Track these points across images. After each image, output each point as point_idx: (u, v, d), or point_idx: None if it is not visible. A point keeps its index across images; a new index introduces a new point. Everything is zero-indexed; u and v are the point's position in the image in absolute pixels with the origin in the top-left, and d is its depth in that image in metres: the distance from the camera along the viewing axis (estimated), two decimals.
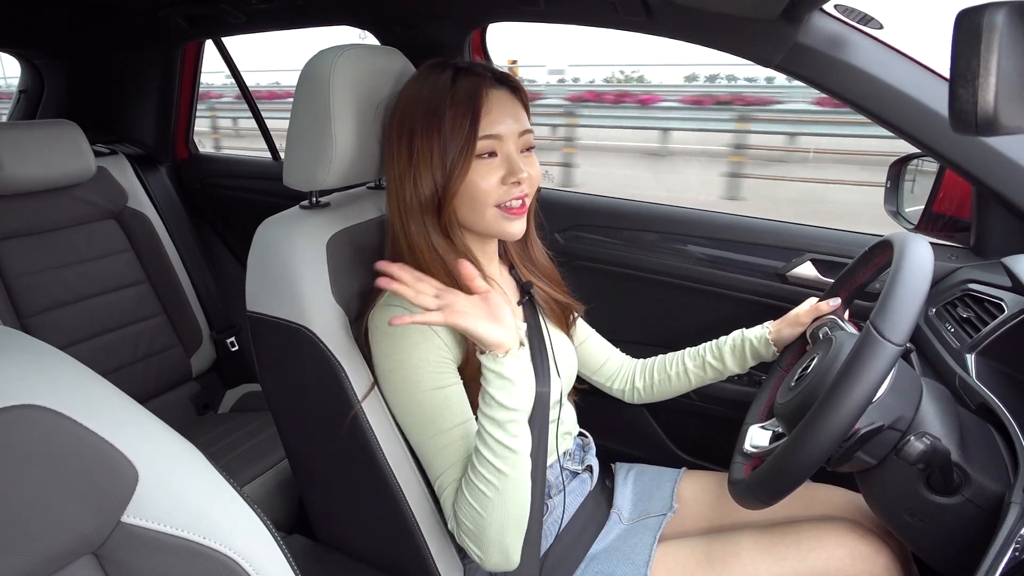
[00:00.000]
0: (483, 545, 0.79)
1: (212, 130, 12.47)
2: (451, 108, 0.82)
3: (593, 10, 1.22)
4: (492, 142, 0.83)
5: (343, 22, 1.59)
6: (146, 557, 0.45)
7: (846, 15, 1.01)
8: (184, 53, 2.03)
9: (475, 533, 0.79)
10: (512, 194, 0.85)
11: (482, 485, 0.77)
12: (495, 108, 0.84)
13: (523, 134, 0.86)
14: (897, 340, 0.67)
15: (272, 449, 1.47)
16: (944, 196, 1.14)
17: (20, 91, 2.18)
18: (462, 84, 0.83)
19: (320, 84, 0.87)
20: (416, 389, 0.82)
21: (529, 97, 0.91)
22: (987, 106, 0.50)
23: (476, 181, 0.83)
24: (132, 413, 0.48)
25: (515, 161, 0.84)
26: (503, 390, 0.76)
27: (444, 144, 0.82)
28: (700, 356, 1.10)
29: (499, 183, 0.84)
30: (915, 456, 0.69)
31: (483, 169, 0.83)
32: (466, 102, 0.82)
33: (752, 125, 9.08)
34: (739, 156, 8.37)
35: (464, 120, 0.81)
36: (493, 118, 0.83)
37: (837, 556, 0.86)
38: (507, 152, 0.84)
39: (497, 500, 0.77)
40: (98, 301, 1.61)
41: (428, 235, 0.85)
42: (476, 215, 0.86)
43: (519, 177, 0.84)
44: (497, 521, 0.77)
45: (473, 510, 0.78)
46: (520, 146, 0.86)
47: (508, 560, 0.81)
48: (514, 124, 0.85)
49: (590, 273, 1.47)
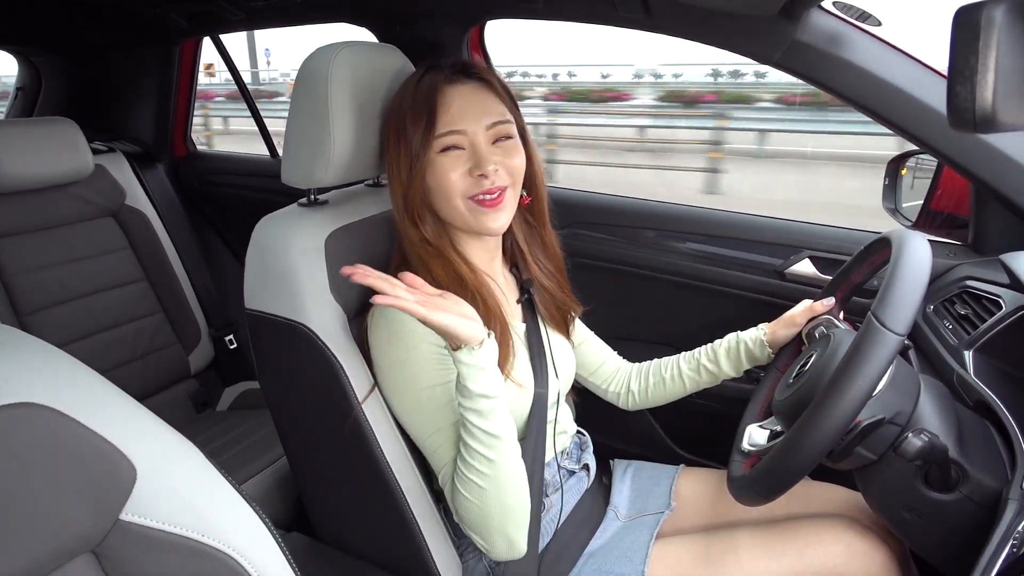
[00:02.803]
0: (487, 535, 0.80)
1: (203, 127, 12.45)
2: (412, 107, 0.84)
3: (592, 7, 1.22)
4: (455, 137, 0.84)
5: (342, 20, 1.59)
6: (144, 555, 0.45)
7: (845, 12, 1.01)
8: (182, 50, 2.02)
9: (477, 524, 0.80)
10: (481, 186, 0.84)
11: (474, 477, 0.77)
12: (455, 103, 0.84)
13: (494, 125, 0.86)
14: (899, 330, 0.67)
15: (271, 447, 1.47)
16: (942, 193, 1.15)
17: (17, 88, 2.17)
18: (423, 82, 0.85)
19: (318, 81, 0.86)
20: (415, 387, 0.83)
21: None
22: (985, 103, 0.50)
23: (439, 174, 0.84)
24: (130, 411, 0.48)
25: (481, 153, 0.84)
26: (481, 380, 0.76)
27: (408, 142, 0.83)
28: (695, 360, 1.10)
29: (465, 175, 0.84)
30: (913, 453, 0.70)
31: (448, 163, 0.84)
32: (424, 100, 0.83)
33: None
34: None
35: (421, 118, 0.83)
36: (453, 114, 0.84)
37: (835, 553, 0.87)
38: (473, 144, 0.84)
39: (491, 488, 0.78)
40: (96, 299, 1.61)
41: (426, 235, 0.87)
42: (450, 209, 0.86)
43: (484, 170, 0.83)
44: (496, 510, 0.78)
45: (470, 503, 0.78)
46: (490, 138, 0.86)
47: (513, 548, 0.81)
48: (480, 116, 0.85)
49: (589, 271, 1.47)
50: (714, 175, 8.07)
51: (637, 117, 11.10)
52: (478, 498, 0.78)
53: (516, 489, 0.80)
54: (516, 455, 0.80)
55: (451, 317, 0.72)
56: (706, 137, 8.91)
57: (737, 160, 8.62)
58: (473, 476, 0.78)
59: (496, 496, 0.78)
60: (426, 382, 0.82)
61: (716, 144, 8.68)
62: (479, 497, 0.78)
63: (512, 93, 0.91)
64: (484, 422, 0.76)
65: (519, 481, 0.80)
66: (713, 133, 8.88)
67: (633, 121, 10.75)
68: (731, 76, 15.95)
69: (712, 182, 7.99)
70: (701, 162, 8.40)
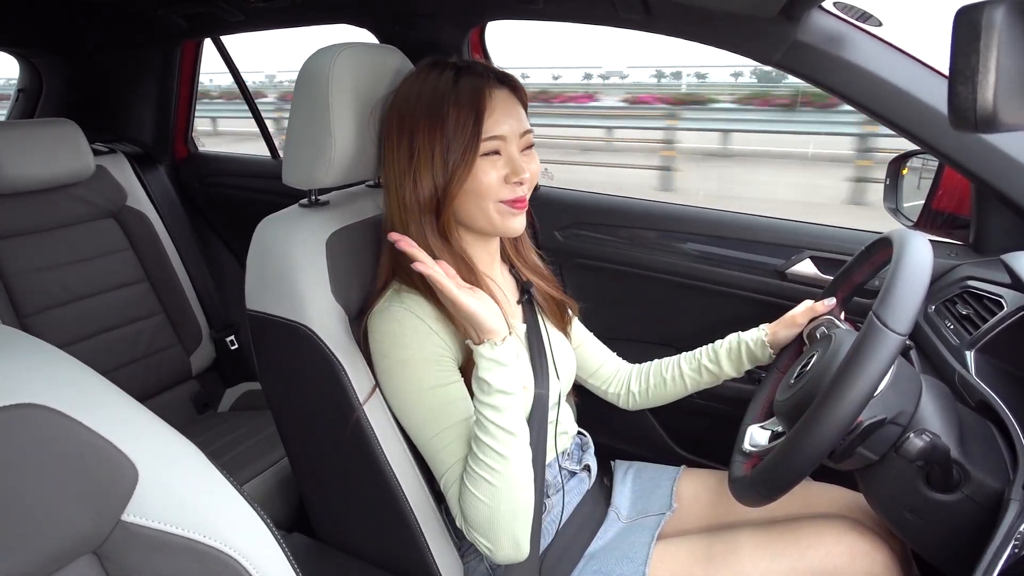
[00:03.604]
0: (494, 537, 0.79)
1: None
2: (454, 108, 0.82)
3: (592, 8, 1.22)
4: (496, 142, 0.84)
5: (342, 21, 1.59)
6: (146, 556, 0.45)
7: (845, 12, 1.01)
8: (183, 51, 2.03)
9: (484, 525, 0.79)
10: (515, 193, 0.86)
11: (486, 474, 0.77)
12: (498, 108, 0.84)
13: (524, 134, 0.87)
14: (900, 330, 0.67)
15: (272, 447, 1.48)
16: (943, 193, 1.14)
17: (19, 90, 2.18)
18: (465, 84, 0.83)
19: (319, 82, 0.86)
20: (417, 388, 0.82)
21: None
22: (986, 103, 0.50)
23: (480, 178, 0.84)
24: (132, 412, 0.48)
25: (518, 161, 0.85)
26: (500, 375, 0.77)
27: (447, 145, 0.82)
28: (696, 360, 1.10)
29: (502, 181, 0.85)
30: (915, 453, 0.70)
31: (487, 166, 0.84)
32: (470, 103, 0.82)
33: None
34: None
35: (468, 121, 0.82)
36: (496, 119, 0.84)
37: (836, 553, 0.86)
38: (510, 152, 0.85)
39: (503, 487, 0.77)
40: (97, 300, 1.61)
41: (426, 236, 0.86)
42: (480, 212, 0.86)
43: (521, 177, 0.85)
44: (506, 509, 0.78)
45: (479, 502, 0.78)
46: (521, 145, 0.87)
47: (519, 551, 0.81)
48: (516, 124, 0.86)
49: (589, 271, 1.47)
50: (666, 173, 8.54)
51: (591, 117, 11.37)
52: (489, 497, 0.78)
53: (526, 488, 0.80)
54: (527, 454, 0.81)
55: (480, 304, 0.76)
56: (658, 137, 9.37)
57: (687, 159, 9.13)
58: (485, 473, 0.77)
59: (507, 495, 0.78)
60: (428, 383, 0.82)
61: (669, 143, 9.12)
62: (490, 496, 0.78)
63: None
64: (500, 418, 0.77)
65: (529, 481, 0.81)
66: (666, 133, 9.31)
67: (588, 121, 11.06)
68: (673, 77, 16.84)
69: (665, 180, 8.48)
70: (655, 161, 8.84)
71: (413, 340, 0.82)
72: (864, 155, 7.69)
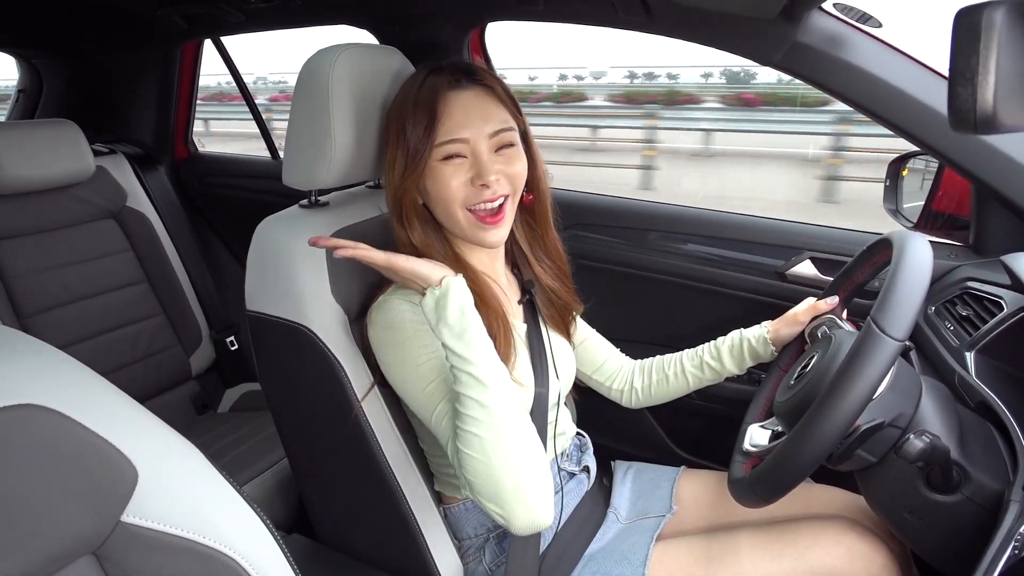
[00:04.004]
0: (502, 500, 0.72)
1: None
2: (412, 112, 0.83)
3: (592, 9, 1.22)
4: (456, 145, 0.83)
5: (342, 21, 1.59)
6: (146, 557, 0.45)
7: (845, 14, 1.01)
8: (183, 52, 2.03)
9: (486, 485, 0.73)
10: (482, 196, 0.84)
11: (471, 427, 0.73)
12: (458, 111, 0.83)
13: (496, 133, 0.84)
14: (898, 335, 0.67)
15: (272, 448, 1.47)
16: (943, 194, 1.14)
17: (19, 91, 2.18)
18: (425, 87, 0.83)
19: (319, 83, 0.87)
20: (414, 364, 0.82)
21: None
22: (986, 105, 0.50)
23: (443, 182, 0.83)
24: (132, 412, 0.48)
25: (483, 163, 0.83)
26: (452, 315, 0.74)
27: (406, 145, 0.83)
28: (698, 357, 1.10)
29: (467, 183, 0.83)
30: (915, 454, 0.70)
31: (449, 171, 0.83)
32: (424, 107, 0.82)
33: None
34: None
35: (420, 125, 0.82)
36: (456, 121, 0.82)
37: (835, 554, 0.86)
38: (475, 153, 0.83)
39: (491, 437, 0.72)
40: (97, 301, 1.61)
41: (428, 236, 0.87)
42: (448, 217, 0.86)
43: (486, 179, 0.82)
44: (502, 462, 0.72)
45: (472, 459, 0.73)
46: (492, 146, 0.85)
47: (535, 516, 0.73)
48: (483, 125, 0.83)
49: (590, 272, 1.47)
50: (648, 171, 8.80)
51: (571, 117, 11.54)
52: (480, 451, 0.72)
53: (519, 438, 0.74)
54: (512, 402, 0.75)
55: (414, 260, 0.79)
56: (638, 136, 9.55)
57: (667, 157, 9.39)
58: (470, 427, 0.73)
59: (498, 445, 0.72)
60: (425, 357, 0.81)
61: (650, 143, 9.27)
62: (480, 450, 0.72)
63: (515, 97, 0.90)
64: (465, 364, 0.73)
65: (519, 430, 0.75)
66: (647, 132, 9.45)
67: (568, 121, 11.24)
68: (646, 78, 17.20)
69: (646, 178, 8.74)
70: (637, 160, 9.08)
71: (408, 323, 0.82)
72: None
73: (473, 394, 0.73)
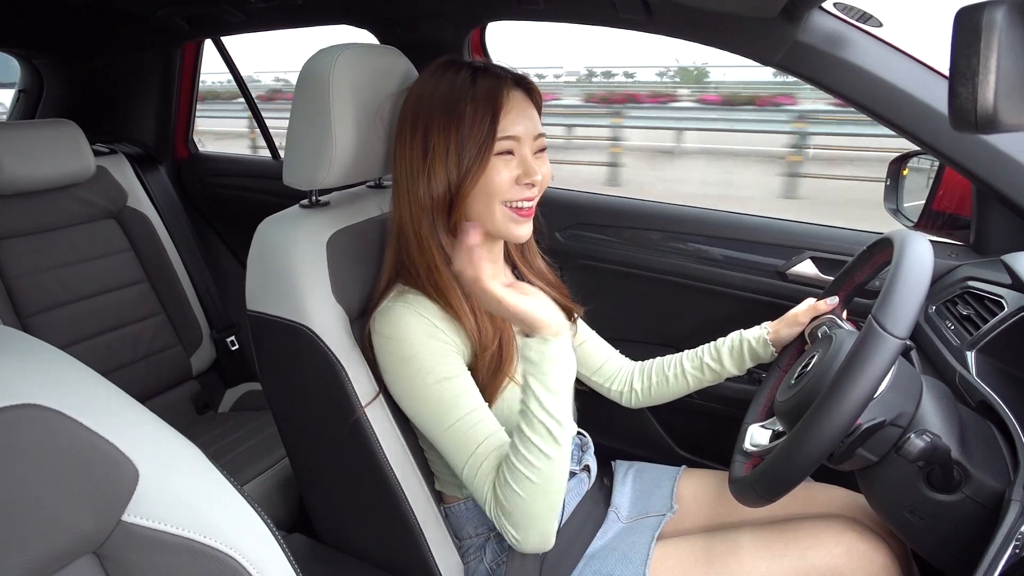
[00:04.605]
0: (525, 530, 0.79)
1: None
2: (471, 106, 0.82)
3: (593, 9, 1.22)
4: (510, 142, 0.84)
5: (343, 21, 1.59)
6: (147, 556, 0.45)
7: (846, 13, 1.01)
8: (184, 52, 2.03)
9: (519, 518, 0.78)
10: (524, 194, 0.86)
11: (527, 471, 0.76)
12: (514, 109, 0.85)
13: (537, 137, 0.87)
14: (899, 333, 0.67)
15: (272, 448, 1.48)
16: (944, 194, 1.14)
17: (19, 91, 2.18)
18: (482, 83, 0.84)
19: (320, 83, 0.87)
20: (424, 383, 0.82)
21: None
22: (987, 104, 0.50)
23: (492, 177, 0.84)
24: (132, 412, 0.48)
25: (530, 163, 0.85)
26: (552, 374, 0.76)
27: (462, 142, 0.82)
28: (698, 358, 1.10)
29: (513, 181, 0.85)
30: (915, 454, 0.70)
31: (499, 165, 0.84)
32: (486, 102, 0.83)
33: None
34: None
35: (484, 119, 0.82)
36: (512, 119, 0.84)
37: (836, 554, 0.86)
38: (523, 153, 0.85)
39: (542, 484, 0.77)
40: (98, 301, 1.61)
41: (438, 233, 0.86)
42: (487, 211, 0.86)
43: (533, 179, 0.85)
44: (543, 505, 0.78)
45: (517, 496, 0.77)
46: (534, 148, 0.87)
47: (545, 542, 0.81)
48: (531, 126, 0.86)
49: (591, 272, 1.47)
50: (614, 168, 8.96)
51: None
52: (528, 493, 0.77)
53: (562, 485, 0.80)
54: (569, 454, 0.80)
55: (529, 301, 0.76)
56: (605, 134, 9.65)
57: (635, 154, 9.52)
58: (525, 470, 0.76)
59: (544, 492, 0.77)
60: (435, 377, 0.82)
61: (616, 140, 9.37)
62: (530, 492, 0.77)
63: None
64: (547, 418, 0.76)
65: (566, 479, 0.80)
66: (613, 130, 9.57)
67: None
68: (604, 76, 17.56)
69: (613, 175, 8.90)
70: (605, 157, 9.21)
71: (417, 336, 0.82)
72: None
73: (543, 445, 0.76)
